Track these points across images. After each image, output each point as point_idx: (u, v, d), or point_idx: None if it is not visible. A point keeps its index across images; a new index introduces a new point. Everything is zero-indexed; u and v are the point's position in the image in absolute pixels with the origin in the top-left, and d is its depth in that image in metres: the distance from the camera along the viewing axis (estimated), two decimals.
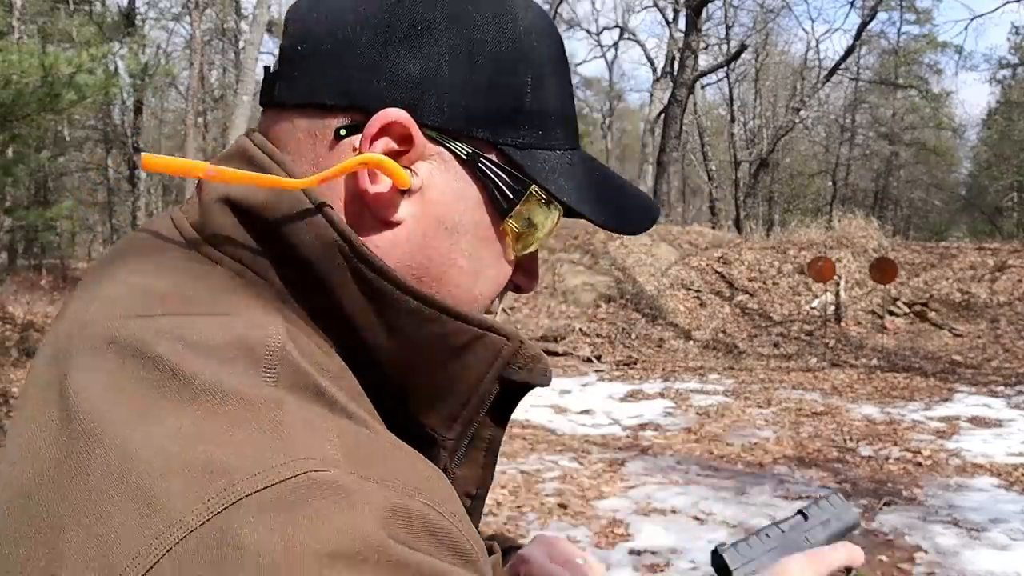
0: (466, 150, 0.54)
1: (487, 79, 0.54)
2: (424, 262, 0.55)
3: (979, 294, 11.87)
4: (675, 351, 10.87)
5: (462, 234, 0.56)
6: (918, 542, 4.24)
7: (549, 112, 0.57)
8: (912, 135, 30.89)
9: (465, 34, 0.54)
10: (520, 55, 0.56)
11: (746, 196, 23.15)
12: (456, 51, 0.53)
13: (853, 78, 27.76)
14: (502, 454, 5.92)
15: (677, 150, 17.55)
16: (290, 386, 0.46)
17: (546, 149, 0.57)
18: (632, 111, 39.59)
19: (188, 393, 0.43)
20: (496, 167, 0.55)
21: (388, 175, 0.52)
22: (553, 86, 0.58)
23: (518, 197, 0.56)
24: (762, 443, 6.26)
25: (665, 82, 21.98)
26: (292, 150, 0.55)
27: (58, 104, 7.42)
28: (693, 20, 17.01)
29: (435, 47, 0.53)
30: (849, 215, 15.30)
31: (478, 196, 0.56)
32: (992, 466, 5.57)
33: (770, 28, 26.20)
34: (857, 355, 10.29)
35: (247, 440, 0.41)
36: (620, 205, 0.61)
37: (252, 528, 0.38)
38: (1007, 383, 8.63)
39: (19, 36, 14.40)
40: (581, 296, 12.34)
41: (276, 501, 0.39)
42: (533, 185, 0.56)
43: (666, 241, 13.79)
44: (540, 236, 0.59)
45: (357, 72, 0.53)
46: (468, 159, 0.54)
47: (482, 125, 0.54)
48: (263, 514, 0.38)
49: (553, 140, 0.58)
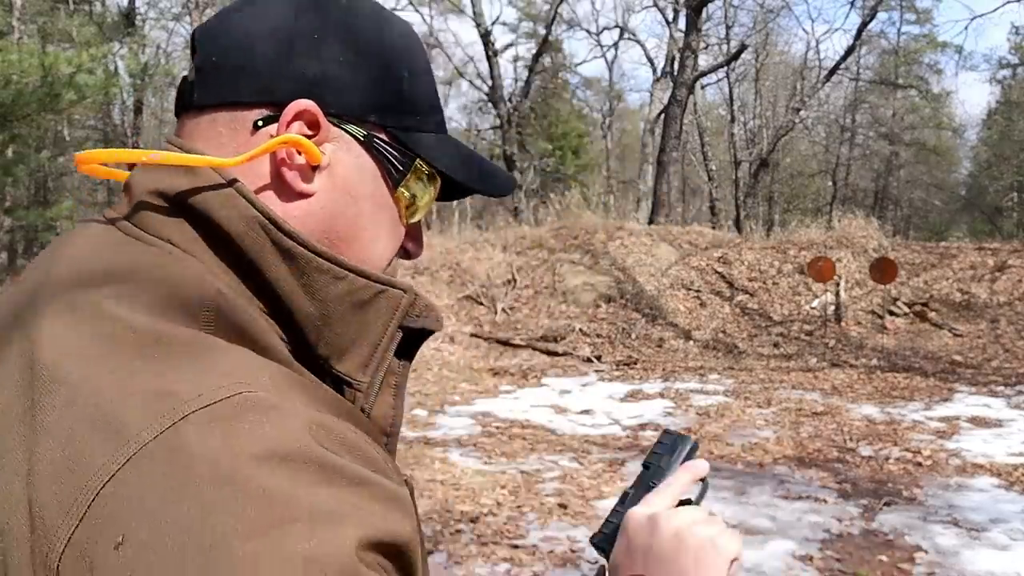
0: (362, 132, 0.66)
1: (372, 75, 0.66)
2: (335, 227, 0.66)
3: (979, 294, 11.86)
4: (675, 351, 10.87)
5: (364, 201, 0.67)
6: (918, 542, 4.24)
7: (422, 102, 0.70)
8: (912, 135, 30.88)
9: (352, 40, 0.66)
10: (396, 55, 0.68)
11: (746, 196, 23.14)
12: (346, 54, 0.65)
13: (853, 78, 27.75)
14: (502, 454, 5.93)
15: (677, 150, 17.54)
16: (225, 334, 0.55)
17: (423, 132, 0.70)
18: (632, 111, 39.56)
19: (137, 341, 0.52)
20: (387, 145, 0.67)
21: (303, 152, 0.63)
22: (423, 82, 0.71)
23: (407, 169, 0.68)
24: (762, 443, 6.26)
25: (665, 82, 21.96)
26: (215, 143, 0.64)
27: (58, 104, 7.42)
28: (693, 20, 17.00)
29: (330, 51, 0.65)
30: (849, 215, 15.29)
31: (375, 169, 0.67)
32: (992, 466, 5.57)
33: (770, 28, 26.19)
34: (857, 355, 10.29)
35: (190, 372, 0.50)
36: (484, 174, 0.74)
37: (198, 437, 0.46)
38: (1007, 383, 8.63)
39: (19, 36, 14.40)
40: (581, 296, 12.33)
41: (217, 415, 0.47)
42: (417, 159, 0.69)
43: (666, 241, 13.78)
44: (423, 205, 0.71)
45: (269, 74, 0.63)
46: (364, 140, 0.66)
47: (372, 112, 0.67)
48: (207, 425, 0.47)
49: (427, 125, 0.70)
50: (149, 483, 0.45)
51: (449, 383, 8.88)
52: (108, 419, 0.47)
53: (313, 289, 0.62)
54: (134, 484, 0.45)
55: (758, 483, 5.26)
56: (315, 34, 0.65)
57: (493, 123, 25.27)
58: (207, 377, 0.50)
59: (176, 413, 0.47)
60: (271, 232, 0.60)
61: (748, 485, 5.21)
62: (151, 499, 0.44)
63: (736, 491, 5.08)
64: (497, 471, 5.50)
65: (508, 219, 19.09)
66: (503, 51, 25.79)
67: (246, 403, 0.49)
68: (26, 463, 0.47)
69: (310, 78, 0.64)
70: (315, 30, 0.65)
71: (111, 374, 0.50)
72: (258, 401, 0.49)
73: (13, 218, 12.14)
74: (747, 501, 4.88)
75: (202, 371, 0.50)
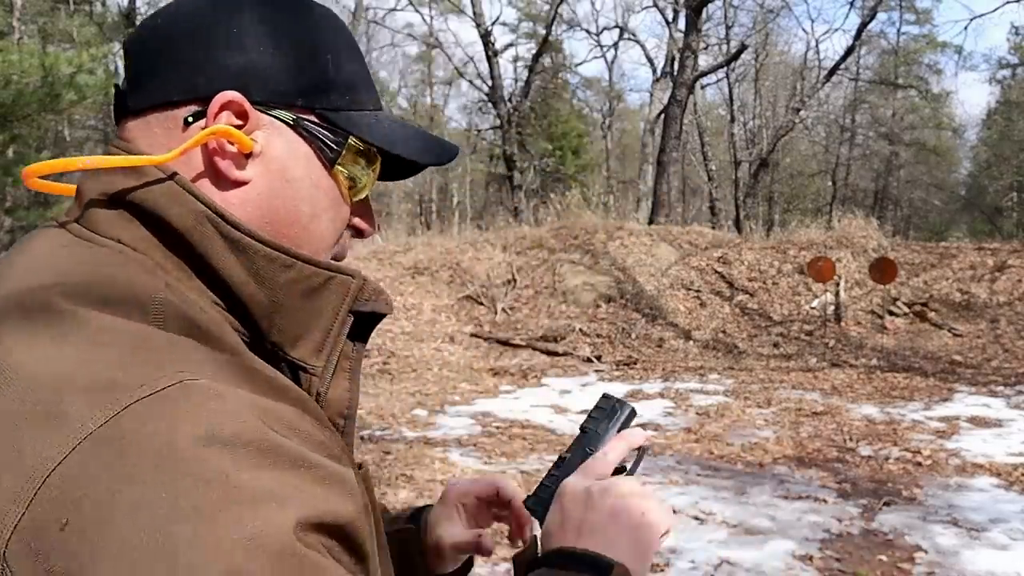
0: (291, 116, 0.67)
1: (295, 60, 0.68)
2: (274, 211, 0.67)
3: (979, 294, 11.86)
4: (675, 351, 10.87)
5: (300, 182, 0.68)
6: (918, 542, 4.24)
7: (351, 82, 0.71)
8: (912, 135, 30.88)
9: (270, 30, 0.67)
10: (317, 39, 0.70)
11: (746, 196, 23.13)
12: (265, 43, 0.67)
13: (853, 78, 27.75)
14: (502, 454, 5.93)
15: (677, 150, 17.54)
16: (176, 327, 0.56)
17: (356, 110, 0.71)
18: (632, 111, 39.54)
19: (86, 334, 0.53)
20: (317, 126, 0.69)
21: (233, 141, 0.64)
22: (350, 63, 0.72)
23: (340, 147, 0.70)
24: (762, 443, 6.26)
25: (665, 82, 21.97)
26: (152, 144, 0.65)
27: (58, 104, 7.42)
28: (693, 20, 17.00)
29: (250, 42, 0.66)
30: (849, 215, 15.28)
31: (308, 151, 0.68)
32: (992, 466, 5.56)
33: (770, 28, 26.19)
34: (857, 355, 10.28)
35: (133, 364, 0.51)
36: (423, 145, 0.75)
37: (142, 423, 0.48)
38: (1007, 383, 8.63)
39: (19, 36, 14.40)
40: (581, 296, 12.33)
41: (159, 402, 0.49)
42: (351, 136, 0.70)
43: (666, 241, 13.78)
44: (366, 182, 0.73)
45: (193, 72, 0.65)
46: (293, 124, 0.68)
47: (298, 96, 0.68)
48: (150, 411, 0.49)
49: (360, 104, 0.72)
50: (94, 470, 0.46)
51: (449, 383, 8.88)
52: (52, 410, 0.48)
53: (262, 278, 0.63)
54: (79, 472, 0.46)
55: (758, 483, 5.26)
56: (234, 27, 0.66)
57: (493, 123, 25.26)
58: (149, 368, 0.51)
59: (119, 403, 0.49)
60: (219, 225, 0.62)
61: (748, 485, 5.21)
62: (96, 485, 0.46)
63: (736, 491, 5.08)
64: (497, 471, 5.50)
65: (508, 219, 19.09)
66: (503, 51, 25.80)
67: (188, 390, 0.51)
68: None
69: (233, 70, 0.65)
70: (233, 23, 0.67)
71: (56, 366, 0.51)
72: (200, 388, 0.51)
73: (13, 218, 12.14)
74: (747, 501, 4.88)
75: (145, 362, 0.52)
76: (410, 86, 37.10)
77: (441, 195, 36.27)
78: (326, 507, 0.51)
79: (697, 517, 4.59)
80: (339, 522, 0.52)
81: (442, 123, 35.71)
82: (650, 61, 27.51)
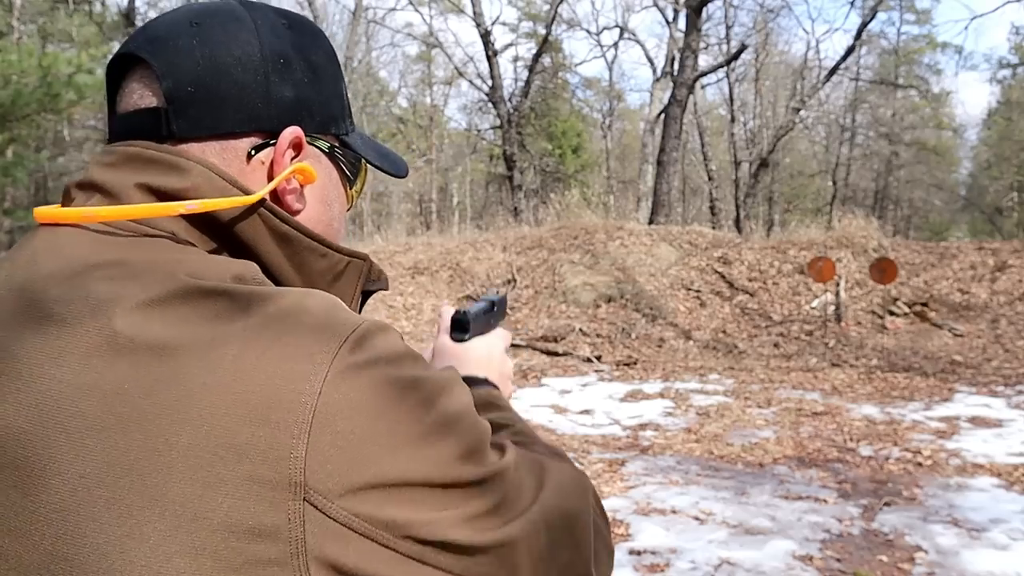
0: (327, 145, 0.74)
1: (329, 90, 0.74)
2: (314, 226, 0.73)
3: (979, 294, 11.86)
4: (675, 351, 10.86)
5: (334, 203, 0.76)
6: (918, 542, 4.24)
7: (348, 106, 0.78)
8: (912, 135, 30.88)
9: (307, 59, 0.72)
10: (336, 67, 0.76)
11: (746, 196, 23.13)
12: (308, 74, 0.71)
13: (853, 78, 27.76)
14: None
15: (677, 150, 17.53)
16: None
17: (354, 132, 0.78)
18: (632, 111, 39.53)
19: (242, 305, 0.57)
20: (342, 153, 0.76)
21: (303, 176, 0.71)
22: (346, 87, 0.78)
23: (357, 169, 0.79)
24: (762, 443, 6.26)
25: (665, 82, 21.98)
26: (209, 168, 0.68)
27: (58, 104, 7.42)
28: (693, 20, 16.99)
29: (296, 73, 0.70)
30: (849, 215, 15.27)
31: (337, 176, 0.76)
32: (992, 466, 5.56)
33: (770, 28, 26.18)
34: (857, 355, 10.28)
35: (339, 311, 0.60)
36: (395, 161, 0.83)
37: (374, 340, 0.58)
38: (1007, 383, 8.62)
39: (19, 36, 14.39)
40: (581, 296, 12.32)
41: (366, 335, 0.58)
42: (363, 159, 0.78)
43: (666, 241, 13.77)
44: (359, 190, 0.82)
45: (253, 103, 0.68)
46: (328, 152, 0.74)
47: (332, 124, 0.74)
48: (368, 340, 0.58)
49: (352, 125, 0.78)
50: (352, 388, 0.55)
51: None
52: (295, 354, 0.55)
53: (302, 264, 0.70)
54: (341, 392, 0.54)
55: (758, 483, 5.26)
56: (281, 59, 0.69)
57: (493, 123, 25.27)
58: (348, 314, 0.60)
59: (341, 337, 0.57)
60: (269, 221, 0.67)
61: (748, 485, 5.21)
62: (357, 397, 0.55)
63: (736, 491, 5.08)
64: None
65: (508, 219, 19.09)
66: (503, 51, 25.81)
67: (374, 326, 0.60)
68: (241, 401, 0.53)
69: (289, 103, 0.69)
70: (279, 54, 0.69)
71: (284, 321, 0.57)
72: (375, 323, 0.60)
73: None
74: (747, 501, 4.88)
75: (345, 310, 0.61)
76: (410, 86, 37.09)
77: (441, 195, 36.24)
78: None
79: (697, 517, 4.59)
80: None
81: (442, 123, 35.69)
82: (650, 61, 27.54)
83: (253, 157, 0.68)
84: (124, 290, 0.57)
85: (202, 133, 0.67)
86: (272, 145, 0.69)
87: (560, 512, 0.65)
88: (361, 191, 0.82)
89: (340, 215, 0.77)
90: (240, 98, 0.67)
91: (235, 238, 0.66)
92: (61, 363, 0.55)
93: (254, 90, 0.67)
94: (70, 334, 0.56)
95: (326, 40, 0.76)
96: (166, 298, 0.57)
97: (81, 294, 0.58)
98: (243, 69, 0.67)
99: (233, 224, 0.66)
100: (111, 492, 0.52)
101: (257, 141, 0.68)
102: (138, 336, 0.55)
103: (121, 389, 0.54)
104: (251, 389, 0.53)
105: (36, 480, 0.53)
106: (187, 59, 0.67)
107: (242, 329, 0.55)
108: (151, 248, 0.62)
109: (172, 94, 0.66)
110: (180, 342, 0.55)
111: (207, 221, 0.65)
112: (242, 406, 0.53)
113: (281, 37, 0.70)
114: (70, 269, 0.60)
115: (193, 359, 0.54)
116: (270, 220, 0.67)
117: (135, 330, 0.55)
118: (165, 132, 0.66)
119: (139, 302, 0.57)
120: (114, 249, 0.61)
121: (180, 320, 0.56)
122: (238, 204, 0.65)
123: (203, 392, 0.53)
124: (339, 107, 0.75)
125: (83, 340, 0.56)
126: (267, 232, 0.67)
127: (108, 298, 0.57)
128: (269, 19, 0.71)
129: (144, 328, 0.55)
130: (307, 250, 0.69)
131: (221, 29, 0.68)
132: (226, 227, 0.66)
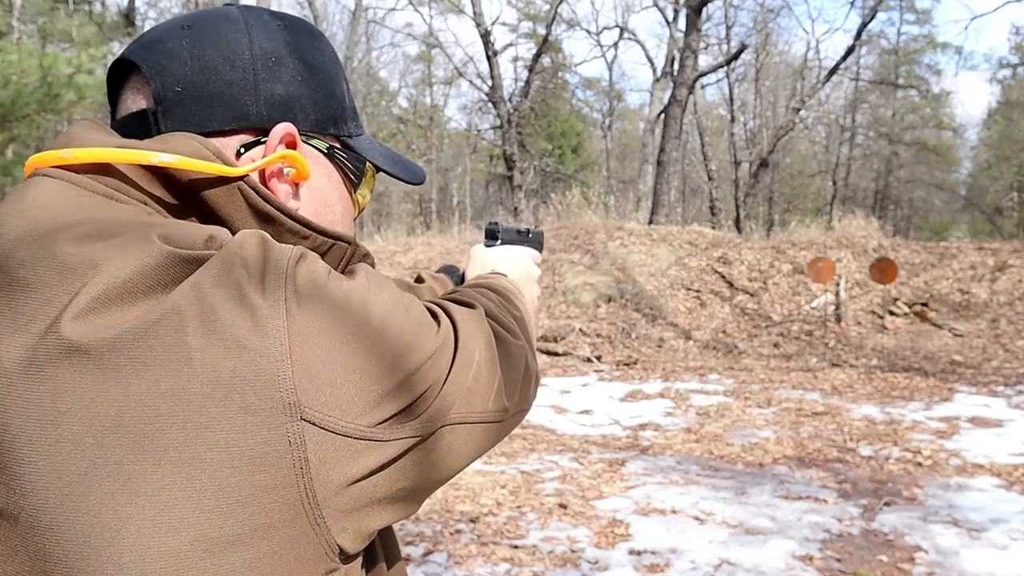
0: (325, 145, 0.73)
1: (325, 90, 0.73)
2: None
3: (979, 294, 11.86)
4: (675, 351, 10.86)
5: (335, 205, 0.75)
6: (918, 542, 4.24)
7: (353, 108, 0.77)
8: (912, 135, 30.87)
9: (301, 59, 0.71)
10: (335, 68, 0.75)
11: (746, 196, 23.13)
12: (302, 73, 0.71)
13: (853, 78, 27.76)
14: (502, 454, 5.92)
15: (677, 150, 17.52)
16: None
17: (360, 135, 0.78)
18: (632, 111, 39.52)
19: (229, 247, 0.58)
20: (344, 154, 0.75)
21: (294, 167, 0.69)
22: (348, 89, 0.77)
23: (361, 172, 0.77)
24: (762, 443, 6.25)
25: (665, 82, 21.98)
26: None
27: (58, 104, 7.41)
28: (693, 20, 16.99)
29: (288, 72, 0.70)
30: (849, 215, 15.28)
31: (338, 177, 0.75)
32: (992, 466, 5.56)
33: (770, 28, 26.19)
34: (857, 355, 10.28)
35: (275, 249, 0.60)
36: (406, 167, 0.83)
37: (310, 265, 0.60)
38: (1007, 383, 8.62)
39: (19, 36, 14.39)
40: (581, 296, 12.32)
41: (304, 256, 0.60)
42: (367, 162, 0.77)
43: (666, 241, 13.77)
44: (367, 198, 0.82)
45: (242, 101, 0.67)
46: (327, 152, 0.73)
47: (330, 124, 0.73)
48: (302, 266, 0.60)
49: (359, 128, 0.78)
50: (310, 310, 0.56)
51: None
52: (246, 291, 0.56)
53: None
54: (302, 313, 0.56)
55: (758, 483, 5.26)
56: (272, 57, 0.69)
57: (493, 123, 25.27)
58: (275, 248, 0.60)
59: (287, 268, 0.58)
60: (249, 196, 0.66)
61: (748, 485, 5.21)
62: (318, 312, 0.57)
63: (736, 491, 5.08)
64: (497, 471, 5.50)
65: (508, 219, 19.07)
66: (503, 51, 25.78)
67: (302, 252, 0.61)
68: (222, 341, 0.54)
69: (279, 101, 0.69)
70: (271, 53, 0.69)
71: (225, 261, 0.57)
72: (301, 250, 0.61)
73: None
74: (747, 501, 4.88)
75: (263, 241, 0.61)
76: (410, 86, 37.07)
77: (441, 195, 36.24)
78: None
79: (697, 517, 4.59)
80: None
81: (442, 123, 35.69)
82: (650, 61, 27.53)
83: (243, 155, 0.68)
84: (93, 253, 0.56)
85: (190, 131, 0.66)
86: (263, 143, 0.69)
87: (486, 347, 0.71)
88: (369, 196, 0.81)
89: (344, 219, 0.76)
90: (229, 96, 0.67)
91: (212, 212, 0.65)
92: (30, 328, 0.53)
93: (243, 87, 0.67)
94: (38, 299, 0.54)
95: (327, 43, 0.75)
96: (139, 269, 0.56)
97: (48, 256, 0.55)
98: (232, 67, 0.67)
99: (211, 197, 0.64)
100: (96, 452, 0.50)
101: (247, 139, 0.68)
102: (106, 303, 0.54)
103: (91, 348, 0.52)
104: (223, 327, 0.53)
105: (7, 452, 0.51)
106: (175, 60, 0.67)
107: (197, 280, 0.56)
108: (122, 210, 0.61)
109: (161, 95, 0.67)
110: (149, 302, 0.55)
111: (184, 191, 0.64)
112: (218, 342, 0.53)
113: (274, 37, 0.70)
114: (37, 231, 0.58)
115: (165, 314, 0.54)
116: (252, 197, 0.65)
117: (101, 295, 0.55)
118: (154, 133, 0.67)
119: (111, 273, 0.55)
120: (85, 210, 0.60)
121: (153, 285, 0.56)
122: (215, 171, 0.63)
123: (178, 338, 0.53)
124: (339, 108, 0.74)
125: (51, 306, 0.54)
126: (247, 209, 0.66)
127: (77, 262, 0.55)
128: (263, 20, 0.71)
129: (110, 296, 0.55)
130: (289, 232, 0.68)
131: (212, 30, 0.68)
132: (204, 200, 0.65)
